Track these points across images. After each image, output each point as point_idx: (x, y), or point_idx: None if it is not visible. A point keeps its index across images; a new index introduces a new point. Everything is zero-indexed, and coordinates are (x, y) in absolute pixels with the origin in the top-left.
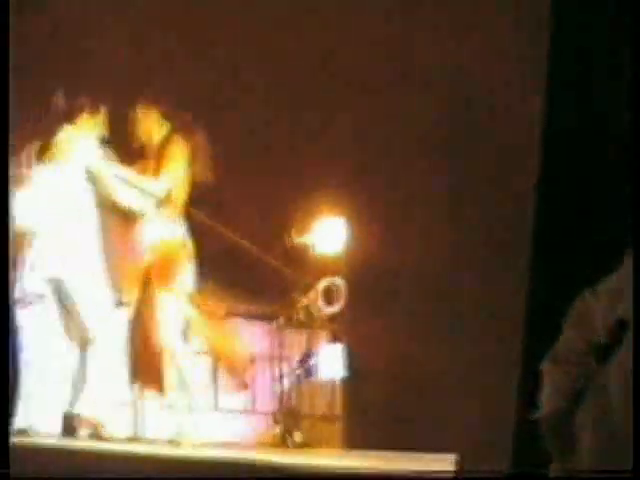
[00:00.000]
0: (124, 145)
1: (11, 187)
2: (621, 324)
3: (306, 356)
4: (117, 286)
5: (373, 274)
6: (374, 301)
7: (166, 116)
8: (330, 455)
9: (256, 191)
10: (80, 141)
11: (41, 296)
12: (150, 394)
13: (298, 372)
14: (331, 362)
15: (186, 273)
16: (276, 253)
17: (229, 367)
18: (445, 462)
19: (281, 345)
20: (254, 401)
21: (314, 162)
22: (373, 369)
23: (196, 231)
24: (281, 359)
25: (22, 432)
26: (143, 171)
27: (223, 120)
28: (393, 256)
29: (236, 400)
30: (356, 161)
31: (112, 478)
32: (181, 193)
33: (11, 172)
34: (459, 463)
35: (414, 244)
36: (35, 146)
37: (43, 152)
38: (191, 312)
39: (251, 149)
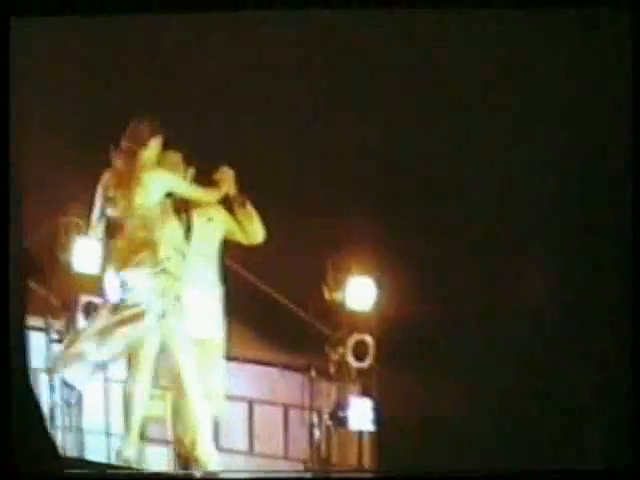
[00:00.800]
0: None
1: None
2: None
3: (337, 407)
4: None
5: (402, 332)
6: (402, 358)
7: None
8: None
9: (292, 248)
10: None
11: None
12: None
13: (329, 422)
14: (361, 415)
15: None
16: (310, 308)
17: None
18: None
19: (313, 396)
20: (287, 448)
21: (348, 222)
22: (401, 424)
23: (235, 284)
24: (313, 409)
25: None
26: None
27: (258, 174)
28: (421, 315)
29: (270, 446)
30: (388, 222)
31: None
32: None
33: None
34: None
35: (441, 303)
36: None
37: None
38: None
39: (286, 207)
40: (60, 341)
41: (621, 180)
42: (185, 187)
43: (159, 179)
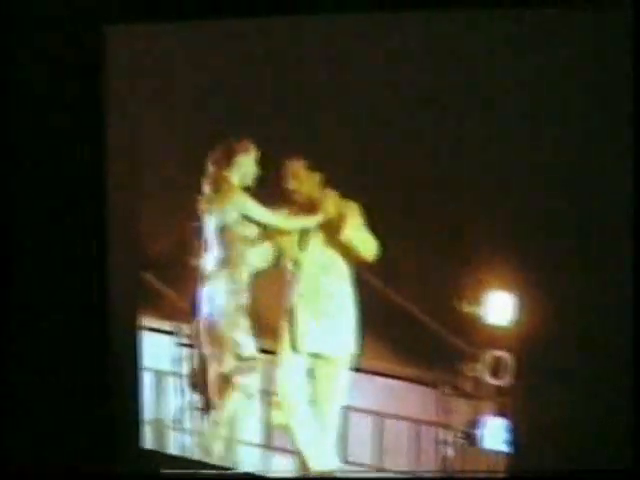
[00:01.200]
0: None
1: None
2: None
3: (470, 426)
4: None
5: (542, 350)
6: (542, 377)
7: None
8: None
9: (429, 260)
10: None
11: None
12: None
13: (461, 441)
14: (495, 434)
15: None
16: (444, 321)
17: None
18: None
19: (445, 412)
20: (416, 464)
21: (488, 234)
22: (537, 445)
23: (367, 296)
24: (444, 426)
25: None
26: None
27: (397, 184)
28: (562, 333)
29: (398, 461)
30: (530, 236)
31: None
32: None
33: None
34: None
35: (584, 321)
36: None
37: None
38: None
39: (425, 218)
40: (188, 345)
41: (621, 180)
42: (261, 214)
43: (236, 202)
